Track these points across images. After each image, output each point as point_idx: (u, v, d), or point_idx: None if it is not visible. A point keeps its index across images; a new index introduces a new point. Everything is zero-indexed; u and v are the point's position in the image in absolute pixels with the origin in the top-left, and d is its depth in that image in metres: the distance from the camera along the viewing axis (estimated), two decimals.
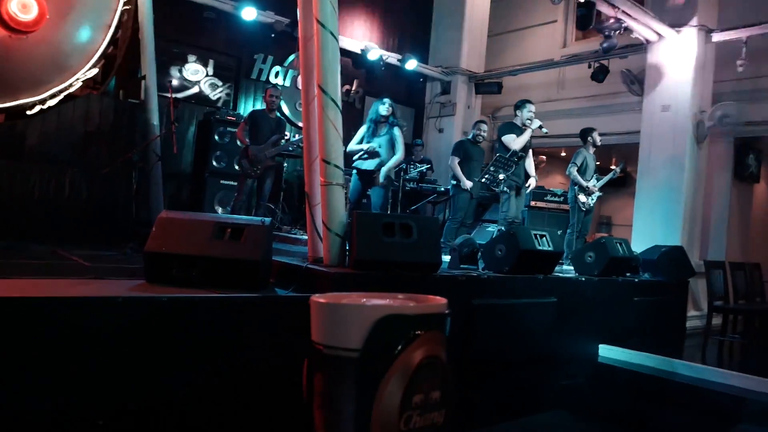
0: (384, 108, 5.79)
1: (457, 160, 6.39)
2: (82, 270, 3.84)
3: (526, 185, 6.22)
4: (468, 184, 6.20)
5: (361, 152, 5.76)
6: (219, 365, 2.71)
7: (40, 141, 6.30)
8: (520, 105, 6.14)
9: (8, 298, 2.24)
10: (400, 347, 1.38)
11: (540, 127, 5.91)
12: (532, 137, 6.14)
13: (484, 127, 6.71)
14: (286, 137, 6.73)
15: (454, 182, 6.39)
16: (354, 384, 1.38)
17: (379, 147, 5.73)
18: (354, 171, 5.89)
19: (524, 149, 5.98)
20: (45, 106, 6.19)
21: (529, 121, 5.91)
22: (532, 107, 6.06)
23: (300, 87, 4.11)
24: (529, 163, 6.25)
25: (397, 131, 5.81)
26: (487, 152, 10.50)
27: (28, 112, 6.11)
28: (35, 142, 6.28)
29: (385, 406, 1.36)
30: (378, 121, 5.83)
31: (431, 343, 1.45)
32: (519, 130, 5.94)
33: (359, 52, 9.03)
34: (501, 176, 5.57)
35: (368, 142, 5.79)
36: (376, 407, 1.35)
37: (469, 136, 6.83)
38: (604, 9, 6.83)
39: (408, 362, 1.39)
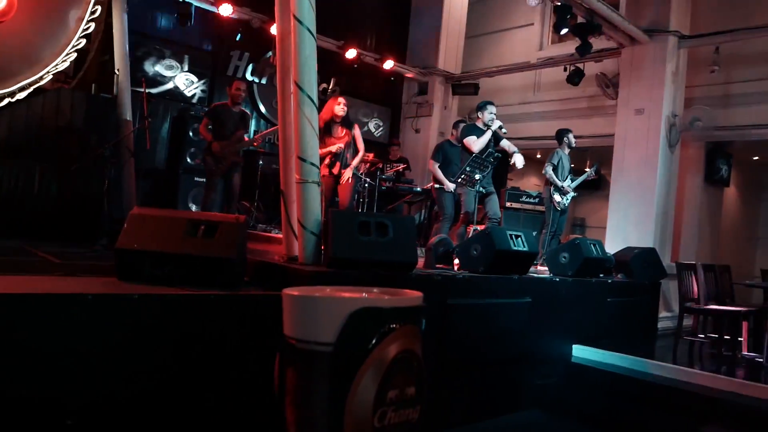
0: (339, 108, 5.67)
1: (437, 164, 6.36)
2: (51, 267, 3.76)
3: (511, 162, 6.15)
4: (451, 186, 6.14)
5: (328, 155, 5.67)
6: (193, 363, 2.67)
7: (9, 135, 6.16)
8: (481, 106, 6.10)
9: None
10: (374, 341, 1.35)
11: (500, 127, 5.90)
12: (509, 138, 6.15)
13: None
14: (264, 132, 6.61)
15: (438, 185, 6.32)
16: (327, 379, 1.35)
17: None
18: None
19: (495, 146, 5.97)
20: (14, 99, 6.05)
21: (490, 122, 5.89)
22: (493, 108, 6.02)
23: (276, 84, 4.07)
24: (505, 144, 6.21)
25: (356, 130, 5.77)
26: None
27: None
28: (3, 136, 6.13)
29: (358, 401, 1.33)
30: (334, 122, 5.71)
31: (407, 336, 1.42)
32: (480, 132, 5.91)
33: (336, 50, 8.98)
34: (477, 176, 5.58)
35: None
36: (350, 403, 1.32)
37: (448, 137, 6.78)
38: (580, 13, 6.90)
39: (383, 356, 1.36)
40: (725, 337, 5.18)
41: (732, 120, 7.77)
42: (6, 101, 6.00)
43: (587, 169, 7.29)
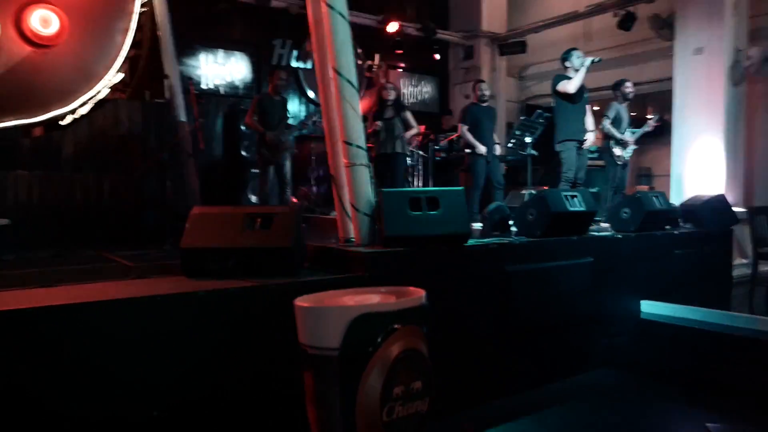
0: (386, 92, 5.83)
1: (465, 127, 6.33)
2: (126, 270, 3.99)
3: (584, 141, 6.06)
4: (482, 149, 6.12)
5: None
6: (261, 352, 2.79)
7: (76, 150, 6.51)
8: (566, 56, 6.04)
9: (55, 306, 2.35)
10: (376, 343, 1.44)
11: (593, 61, 5.81)
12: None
13: (484, 86, 6.59)
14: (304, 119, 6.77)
15: (468, 150, 6.33)
16: (337, 380, 1.46)
17: None
18: None
19: (582, 102, 5.86)
20: (77, 115, 6.39)
21: (580, 65, 5.79)
22: (579, 52, 5.98)
23: None
24: (588, 118, 6.14)
25: (406, 113, 5.91)
26: (516, 113, 10.36)
27: (62, 123, 6.32)
28: (71, 152, 6.48)
29: (366, 399, 1.43)
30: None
31: (409, 336, 1.50)
32: (570, 78, 5.85)
33: (377, 25, 8.94)
34: (527, 139, 5.50)
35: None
36: (359, 401, 1.43)
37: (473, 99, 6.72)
38: None
39: (386, 356, 1.45)
40: None
41: None
42: (70, 118, 6.35)
43: (648, 117, 7.00)
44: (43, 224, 6.00)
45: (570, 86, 5.71)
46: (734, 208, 5.95)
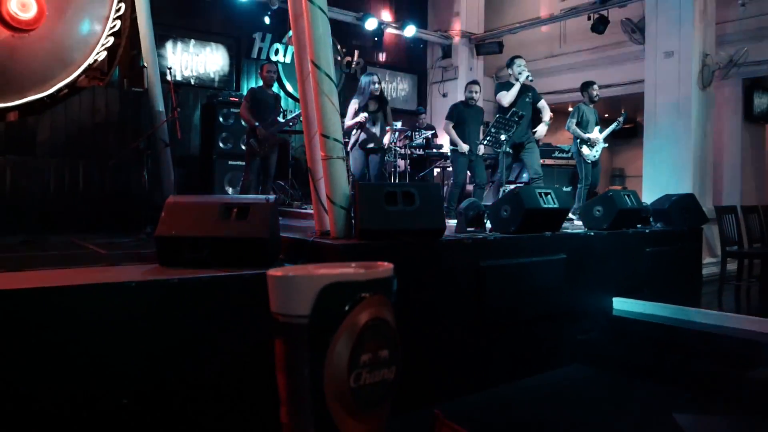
0: (375, 87, 5.80)
1: (450, 124, 6.41)
2: (98, 258, 3.95)
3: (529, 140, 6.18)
4: (465, 147, 6.22)
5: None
6: (232, 341, 2.79)
7: (51, 136, 6.42)
8: (509, 63, 6.23)
9: (25, 289, 2.33)
10: (345, 311, 1.48)
11: (527, 77, 6.00)
12: (540, 93, 6.19)
13: (476, 87, 6.64)
14: (283, 111, 6.73)
15: (452, 147, 6.44)
16: (306, 347, 1.49)
17: None
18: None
19: (521, 106, 6.01)
20: (53, 101, 6.29)
21: (519, 75, 5.96)
22: (522, 61, 6.14)
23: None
24: (545, 115, 6.27)
25: (388, 107, 5.97)
26: (493, 111, 10.47)
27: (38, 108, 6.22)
28: (46, 137, 6.39)
29: (334, 366, 1.47)
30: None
31: (376, 305, 1.53)
32: (511, 86, 6.03)
33: (357, 22, 8.95)
34: (503, 137, 5.56)
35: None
36: (327, 368, 1.47)
37: (462, 99, 6.79)
38: None
39: (353, 324, 1.49)
40: None
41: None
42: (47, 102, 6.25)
43: (620, 119, 7.13)
44: (15, 210, 5.91)
45: (504, 100, 6.01)
46: (703, 208, 6.10)
